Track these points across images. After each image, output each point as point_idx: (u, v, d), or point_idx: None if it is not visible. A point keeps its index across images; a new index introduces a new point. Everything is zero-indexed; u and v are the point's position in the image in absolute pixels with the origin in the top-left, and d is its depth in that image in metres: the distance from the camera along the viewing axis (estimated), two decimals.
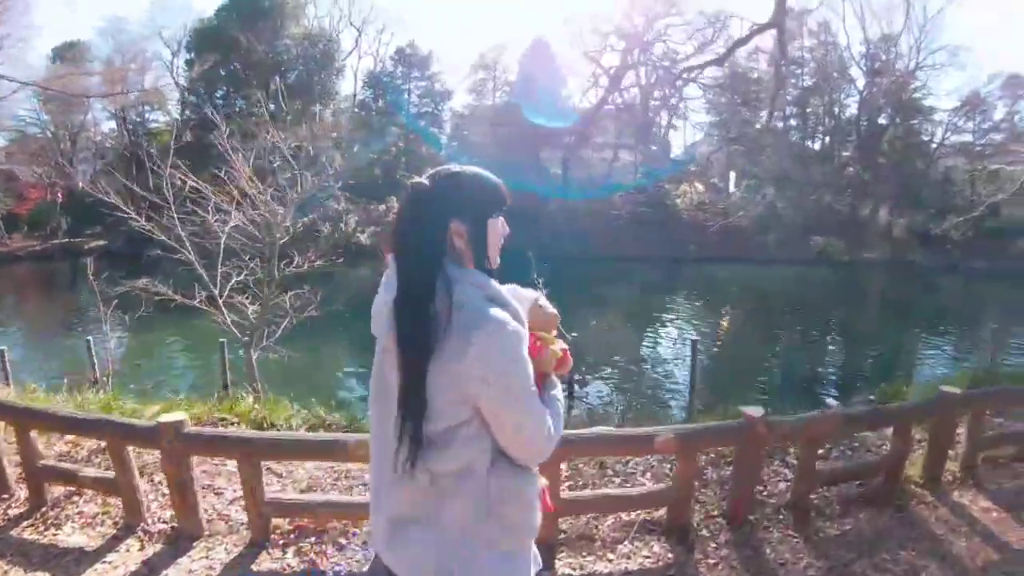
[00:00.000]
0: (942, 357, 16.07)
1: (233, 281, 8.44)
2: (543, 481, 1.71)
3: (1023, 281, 29.83)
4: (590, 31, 39.42)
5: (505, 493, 1.52)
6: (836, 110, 41.71)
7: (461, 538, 1.51)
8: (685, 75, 37.23)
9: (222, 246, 8.40)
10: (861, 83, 40.22)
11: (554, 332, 1.72)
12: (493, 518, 1.52)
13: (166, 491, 4.00)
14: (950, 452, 4.51)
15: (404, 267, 1.50)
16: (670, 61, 38.90)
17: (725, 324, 19.65)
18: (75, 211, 33.26)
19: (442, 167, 1.59)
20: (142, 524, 3.88)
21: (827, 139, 42.76)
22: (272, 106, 34.08)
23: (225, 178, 8.52)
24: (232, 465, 4.30)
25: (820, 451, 4.69)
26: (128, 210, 8.70)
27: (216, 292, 8.22)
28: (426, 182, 1.54)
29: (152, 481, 4.33)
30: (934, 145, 38.99)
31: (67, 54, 37.18)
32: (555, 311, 1.73)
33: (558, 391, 1.68)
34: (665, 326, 20.25)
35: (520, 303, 1.60)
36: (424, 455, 1.47)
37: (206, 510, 3.97)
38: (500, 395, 1.44)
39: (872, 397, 7.47)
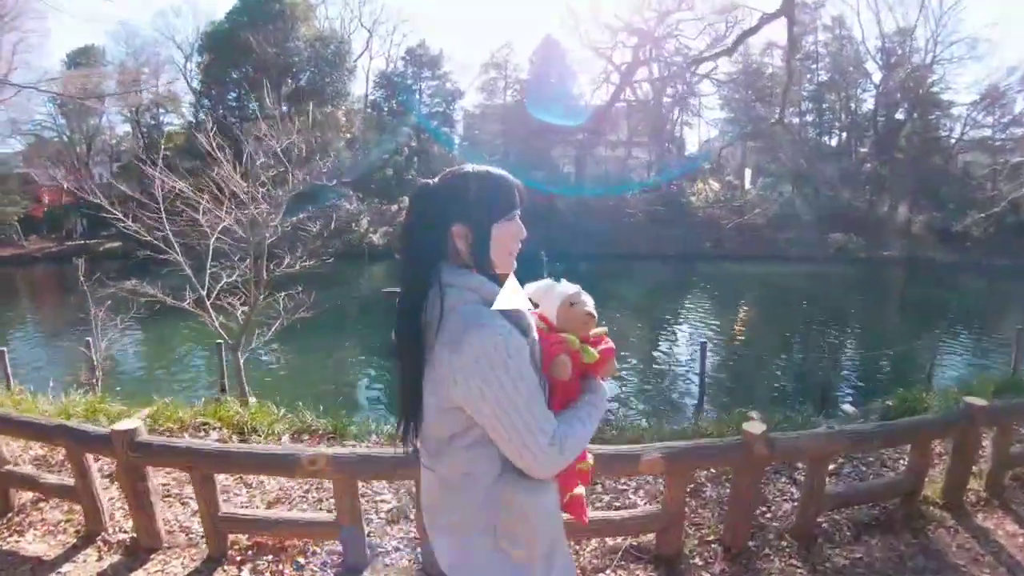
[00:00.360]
0: (963, 359, 15.62)
1: (223, 282, 8.22)
2: (580, 490, 1.70)
3: None
4: (601, 27, 39.03)
5: (510, 504, 1.49)
6: (852, 105, 41.35)
7: (467, 535, 1.53)
8: (695, 69, 36.60)
9: (211, 247, 8.17)
10: (877, 78, 39.88)
11: (593, 331, 1.62)
12: (496, 526, 1.50)
13: None
14: (974, 469, 4.09)
15: (403, 269, 1.51)
16: (682, 57, 38.39)
17: (739, 327, 19.29)
18: (91, 213, 33.49)
19: (455, 167, 1.55)
20: (103, 533, 3.71)
21: (844, 135, 42.42)
22: (285, 107, 34.54)
23: (216, 178, 8.27)
24: None
25: (832, 466, 4.34)
26: (116, 211, 8.51)
27: (204, 294, 7.98)
28: (431, 183, 1.53)
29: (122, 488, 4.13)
30: (953, 140, 38.45)
31: (81, 59, 37.64)
32: (590, 310, 1.61)
33: (598, 396, 1.60)
34: (678, 326, 19.88)
35: (549, 302, 1.63)
36: (430, 458, 1.55)
37: (168, 520, 3.80)
38: (485, 405, 1.39)
39: (890, 402, 7.04)
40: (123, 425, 3.39)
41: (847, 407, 9.75)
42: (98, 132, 39.59)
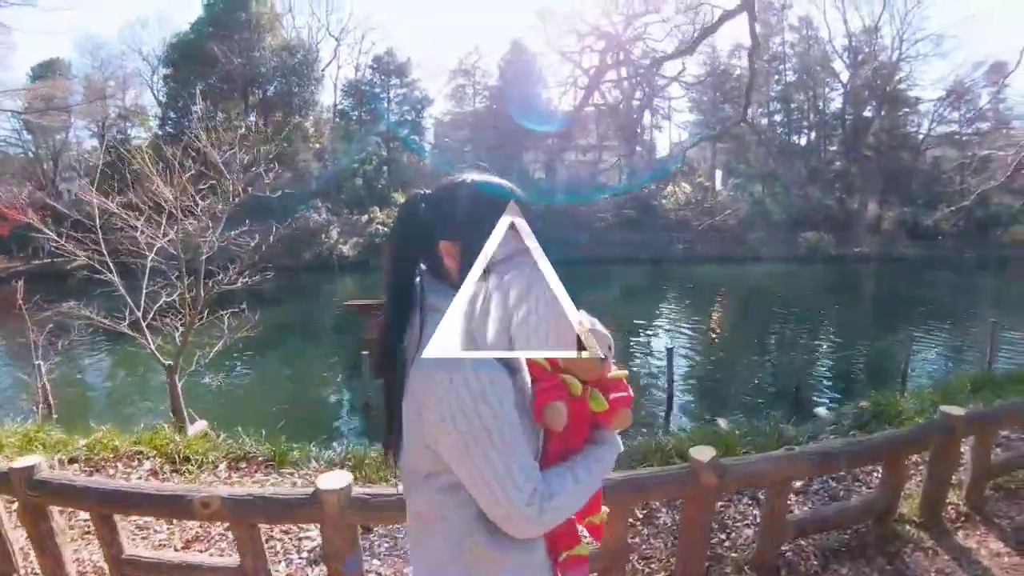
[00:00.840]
0: (938, 355, 15.58)
1: (161, 302, 7.80)
2: (583, 549, 1.46)
3: (1014, 270, 29.75)
4: (568, 32, 38.93)
5: (483, 559, 1.31)
6: (820, 104, 41.79)
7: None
8: (657, 69, 36.56)
9: (147, 266, 7.74)
10: (845, 76, 40.35)
11: (611, 372, 1.41)
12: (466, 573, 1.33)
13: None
14: (953, 479, 3.74)
15: (386, 287, 1.38)
16: (650, 60, 38.42)
17: (715, 326, 19.10)
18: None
19: (451, 177, 1.40)
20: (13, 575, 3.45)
21: (812, 134, 42.83)
22: (252, 117, 34.01)
23: (155, 194, 7.85)
24: None
25: (798, 483, 3.97)
26: (49, 230, 8.14)
27: (139, 315, 7.55)
28: (420, 194, 1.39)
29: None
30: (921, 136, 38.88)
31: (47, 72, 36.88)
32: (600, 352, 1.35)
33: (605, 448, 1.40)
34: (651, 330, 19.55)
35: None
36: (406, 490, 1.40)
37: (83, 560, 3.52)
38: (455, 451, 1.23)
39: (864, 403, 6.74)
40: (21, 462, 3.13)
41: (820, 410, 9.49)
42: (65, 147, 38.74)
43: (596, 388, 1.37)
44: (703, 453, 2.78)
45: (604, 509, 1.53)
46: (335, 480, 2.83)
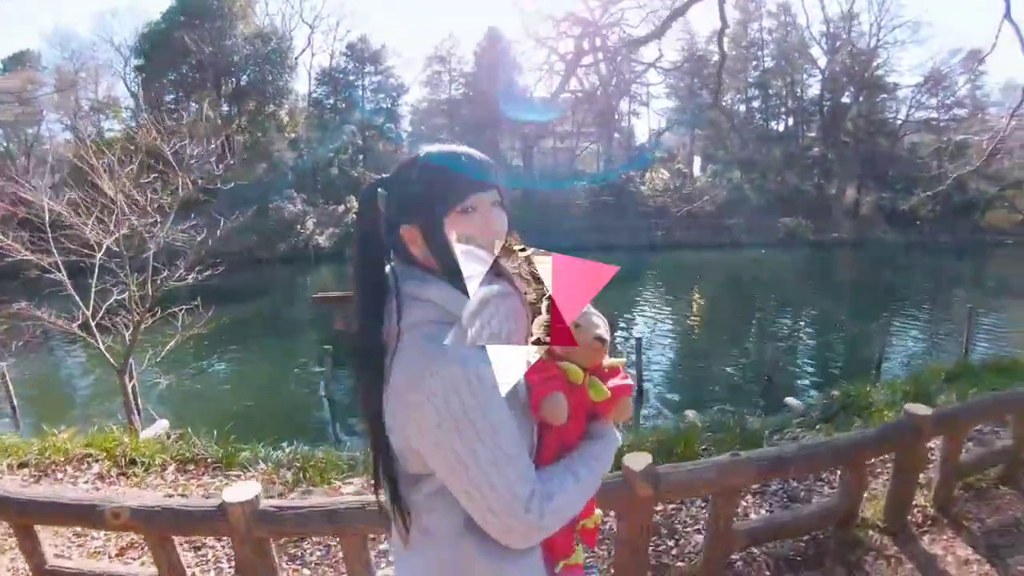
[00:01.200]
0: (913, 342, 15.56)
1: (111, 300, 7.59)
2: (578, 557, 1.36)
3: (990, 255, 30.03)
4: (543, 18, 38.66)
5: (472, 569, 1.18)
6: (798, 91, 41.93)
7: None
8: (631, 52, 36.22)
9: (97, 265, 7.53)
10: (823, 63, 40.43)
11: (608, 362, 1.30)
12: None
13: None
14: (921, 479, 3.50)
15: (353, 284, 1.24)
16: (627, 46, 38.20)
17: (692, 314, 19.03)
18: (34, 227, 32.28)
19: (409, 155, 1.27)
20: None
21: (790, 120, 42.89)
22: (225, 107, 33.42)
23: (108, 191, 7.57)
24: None
25: (755, 484, 3.72)
26: None
27: (89, 314, 7.32)
28: (376, 179, 1.27)
29: None
30: (899, 122, 39.06)
31: (16, 64, 36.27)
32: (600, 334, 1.26)
33: (604, 442, 1.27)
34: (628, 319, 19.35)
35: None
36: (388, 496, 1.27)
37: (15, 570, 3.42)
38: (441, 456, 1.10)
39: (835, 392, 6.57)
40: None
41: (790, 400, 9.37)
42: (38, 142, 37.93)
43: (594, 376, 1.28)
44: (637, 461, 2.51)
45: (597, 512, 1.41)
46: (241, 492, 2.68)
